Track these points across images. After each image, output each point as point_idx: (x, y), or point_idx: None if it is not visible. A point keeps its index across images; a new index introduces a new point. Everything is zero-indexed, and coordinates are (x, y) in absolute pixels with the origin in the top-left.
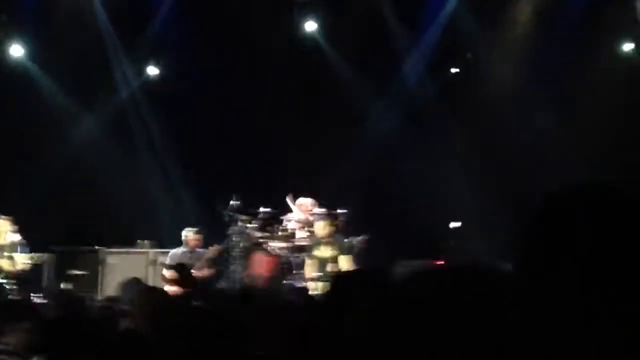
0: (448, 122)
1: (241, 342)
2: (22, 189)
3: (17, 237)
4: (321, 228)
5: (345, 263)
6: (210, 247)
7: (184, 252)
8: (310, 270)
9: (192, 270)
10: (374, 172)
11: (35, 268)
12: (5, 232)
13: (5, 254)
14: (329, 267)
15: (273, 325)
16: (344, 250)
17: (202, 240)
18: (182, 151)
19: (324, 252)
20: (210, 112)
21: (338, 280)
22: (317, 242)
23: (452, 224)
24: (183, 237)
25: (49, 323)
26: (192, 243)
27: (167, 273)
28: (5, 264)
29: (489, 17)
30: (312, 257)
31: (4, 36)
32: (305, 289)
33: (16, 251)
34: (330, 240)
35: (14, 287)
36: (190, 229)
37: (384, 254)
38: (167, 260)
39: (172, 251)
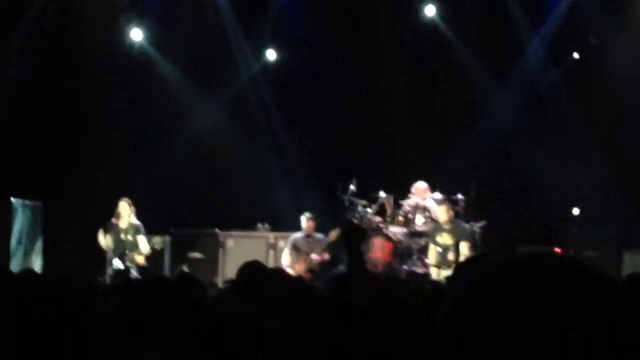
0: (569, 108)
1: (360, 327)
2: (142, 172)
3: (135, 220)
4: (443, 213)
5: (466, 249)
6: (330, 232)
7: (302, 237)
8: (433, 256)
9: (312, 255)
10: (493, 157)
11: (156, 251)
12: (128, 215)
13: (129, 237)
14: (450, 254)
15: (391, 311)
16: (464, 237)
17: (315, 225)
18: (302, 135)
19: (445, 238)
20: (328, 97)
21: (459, 269)
22: (438, 228)
23: (574, 211)
24: (301, 222)
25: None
26: (307, 228)
27: (285, 258)
28: (132, 249)
29: (613, 0)
30: (434, 243)
31: (125, 20)
32: (427, 275)
33: (139, 233)
34: (451, 226)
35: (138, 271)
36: (306, 214)
37: (502, 240)
38: (288, 245)
39: (292, 236)
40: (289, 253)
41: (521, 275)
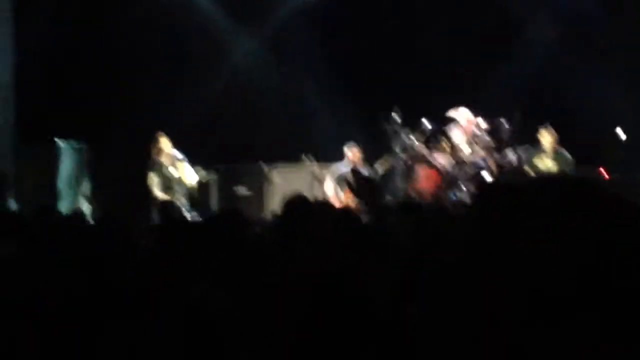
0: (611, 28)
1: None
2: (183, 108)
3: (176, 152)
4: (547, 136)
5: None
6: (378, 162)
7: (345, 167)
8: None
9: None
10: (535, 81)
11: (202, 185)
12: (168, 148)
13: (173, 170)
14: None
15: (437, 239)
16: (569, 166)
17: (360, 154)
18: (343, 66)
19: (547, 163)
20: (368, 26)
21: (483, 191)
22: (538, 152)
23: (619, 133)
24: (345, 152)
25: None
26: (351, 157)
27: (329, 188)
28: (178, 181)
29: None
30: (531, 166)
31: None
32: None
33: (182, 162)
34: (555, 153)
35: (187, 204)
36: (349, 143)
37: None
38: (330, 175)
39: (335, 165)
40: (331, 184)
41: (540, 191)
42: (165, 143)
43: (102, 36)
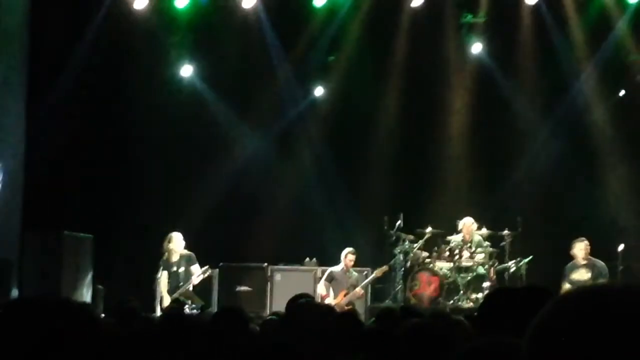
0: (616, 145)
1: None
2: (190, 206)
3: (186, 252)
4: (579, 249)
5: None
6: (378, 269)
7: (340, 270)
8: None
9: (357, 289)
10: (538, 193)
11: (204, 283)
12: (179, 247)
13: (182, 268)
14: None
15: (433, 345)
16: (603, 275)
17: (355, 260)
18: (348, 170)
19: (582, 274)
20: (374, 133)
21: (492, 296)
22: (574, 265)
23: (620, 247)
24: (342, 256)
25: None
26: (347, 262)
27: (321, 289)
28: (185, 280)
29: None
30: (569, 282)
31: (176, 56)
32: (473, 310)
33: (193, 263)
34: (588, 262)
35: (194, 303)
36: (348, 248)
37: (548, 274)
38: (325, 276)
39: (330, 268)
40: (324, 284)
41: (608, 300)
42: (177, 242)
43: (111, 131)
